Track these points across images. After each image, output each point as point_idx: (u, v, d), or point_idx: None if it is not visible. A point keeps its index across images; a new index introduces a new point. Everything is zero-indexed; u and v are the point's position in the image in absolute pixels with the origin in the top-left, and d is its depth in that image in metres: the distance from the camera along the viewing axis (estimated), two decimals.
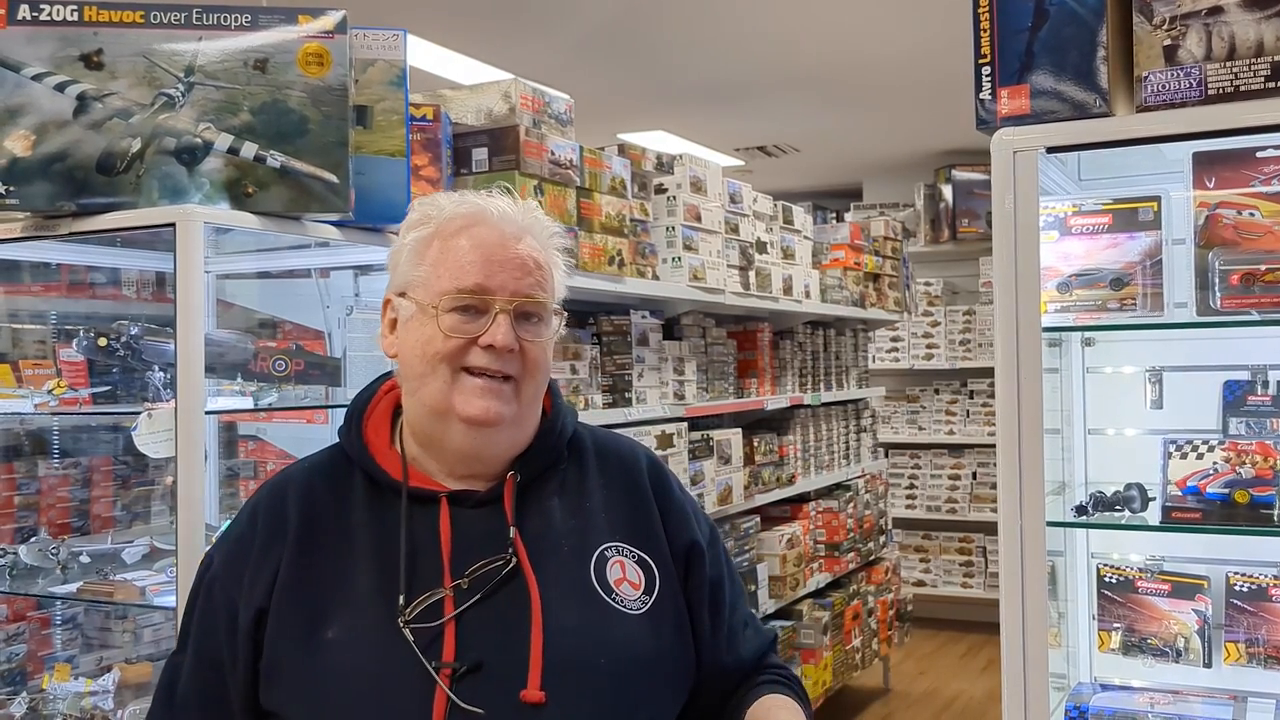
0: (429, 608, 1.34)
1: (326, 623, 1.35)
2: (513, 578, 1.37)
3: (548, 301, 1.44)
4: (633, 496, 1.50)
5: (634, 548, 1.45)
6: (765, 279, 4.36)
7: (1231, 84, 1.80)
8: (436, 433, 1.42)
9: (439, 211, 1.45)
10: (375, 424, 1.49)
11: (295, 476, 1.48)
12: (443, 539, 1.39)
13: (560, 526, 1.43)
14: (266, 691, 1.37)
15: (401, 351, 1.44)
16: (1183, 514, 1.99)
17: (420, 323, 1.41)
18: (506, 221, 1.43)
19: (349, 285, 3.17)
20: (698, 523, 1.53)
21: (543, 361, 1.44)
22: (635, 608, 1.40)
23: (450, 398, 1.38)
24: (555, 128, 3.25)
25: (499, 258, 1.40)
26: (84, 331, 2.58)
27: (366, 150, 2.58)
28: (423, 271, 1.42)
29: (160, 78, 2.37)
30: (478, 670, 1.31)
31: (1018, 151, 1.93)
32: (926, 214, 7.66)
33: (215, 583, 1.43)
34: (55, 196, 2.34)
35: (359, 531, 1.41)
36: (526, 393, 1.42)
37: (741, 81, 5.80)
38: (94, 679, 2.60)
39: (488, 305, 1.39)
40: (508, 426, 1.41)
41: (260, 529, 1.43)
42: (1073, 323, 2.06)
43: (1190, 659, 2.22)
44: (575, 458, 1.51)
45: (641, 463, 1.54)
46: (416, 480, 1.43)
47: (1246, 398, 2.21)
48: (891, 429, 7.47)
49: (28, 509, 2.99)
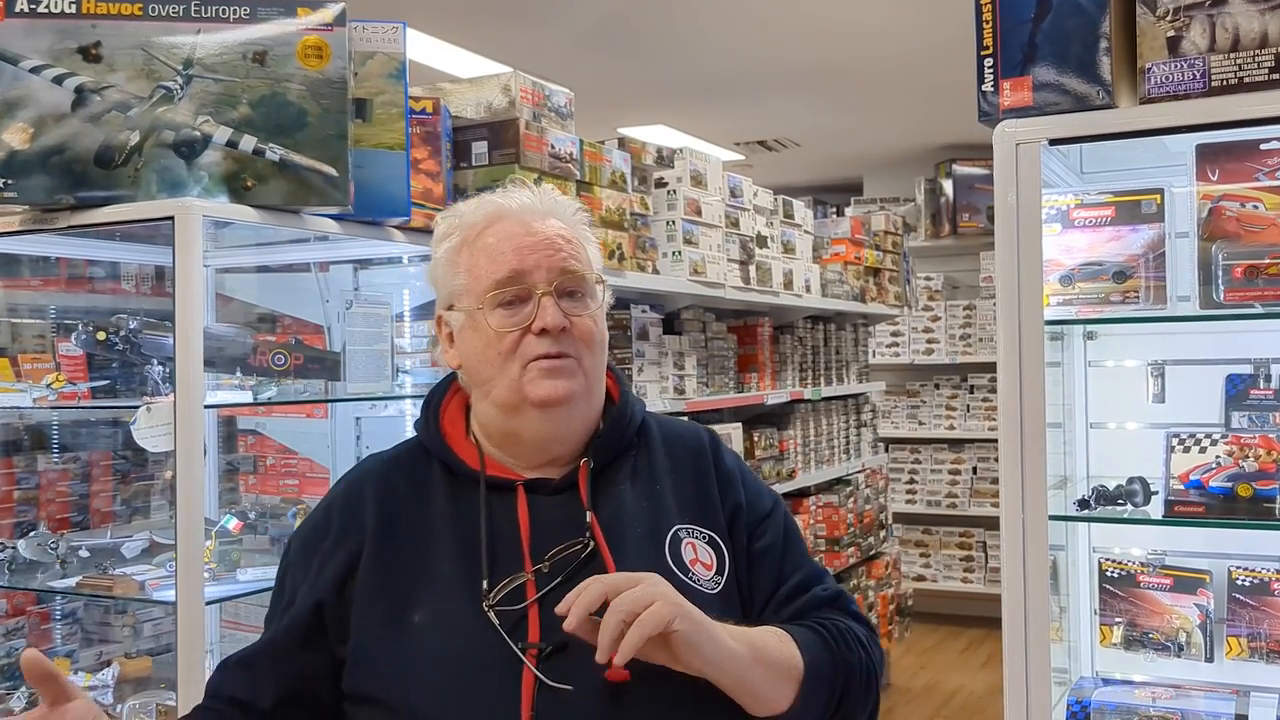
0: (511, 592, 1.37)
1: (411, 608, 1.38)
2: (591, 561, 1.39)
3: (586, 272, 1.46)
4: (698, 477, 1.52)
5: (704, 528, 1.47)
6: (765, 273, 4.35)
7: (1235, 76, 1.79)
8: (512, 427, 1.45)
9: (461, 219, 1.49)
10: (451, 416, 1.52)
11: (372, 471, 1.52)
12: (521, 525, 1.42)
13: (633, 510, 1.45)
14: (353, 677, 1.40)
15: (464, 361, 1.48)
16: (1185, 508, 1.98)
17: (473, 329, 1.44)
18: (527, 211, 1.46)
19: (348, 279, 3.16)
20: (746, 489, 1.53)
21: (596, 333, 1.46)
22: (710, 587, 1.42)
23: (520, 390, 1.41)
24: (555, 121, 3.24)
25: (528, 243, 1.43)
26: (83, 326, 2.57)
27: (366, 144, 2.57)
28: (462, 280, 1.46)
29: (159, 70, 2.36)
30: (563, 650, 1.33)
31: (1020, 143, 1.92)
32: (927, 209, 7.65)
33: (290, 569, 1.49)
34: (54, 190, 2.33)
35: (439, 520, 1.44)
36: (588, 366, 1.45)
37: (742, 76, 5.78)
38: (93, 673, 2.60)
39: (529, 292, 1.41)
40: (579, 402, 1.44)
41: (335, 523, 1.47)
42: (1075, 316, 2.05)
43: (1192, 653, 2.22)
44: (644, 444, 1.53)
45: (705, 442, 1.56)
46: (493, 470, 1.46)
47: (1249, 391, 2.21)
48: (892, 424, 7.46)
49: (27, 504, 2.98)
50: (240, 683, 1.46)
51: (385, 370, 2.88)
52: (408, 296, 3.14)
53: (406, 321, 3.11)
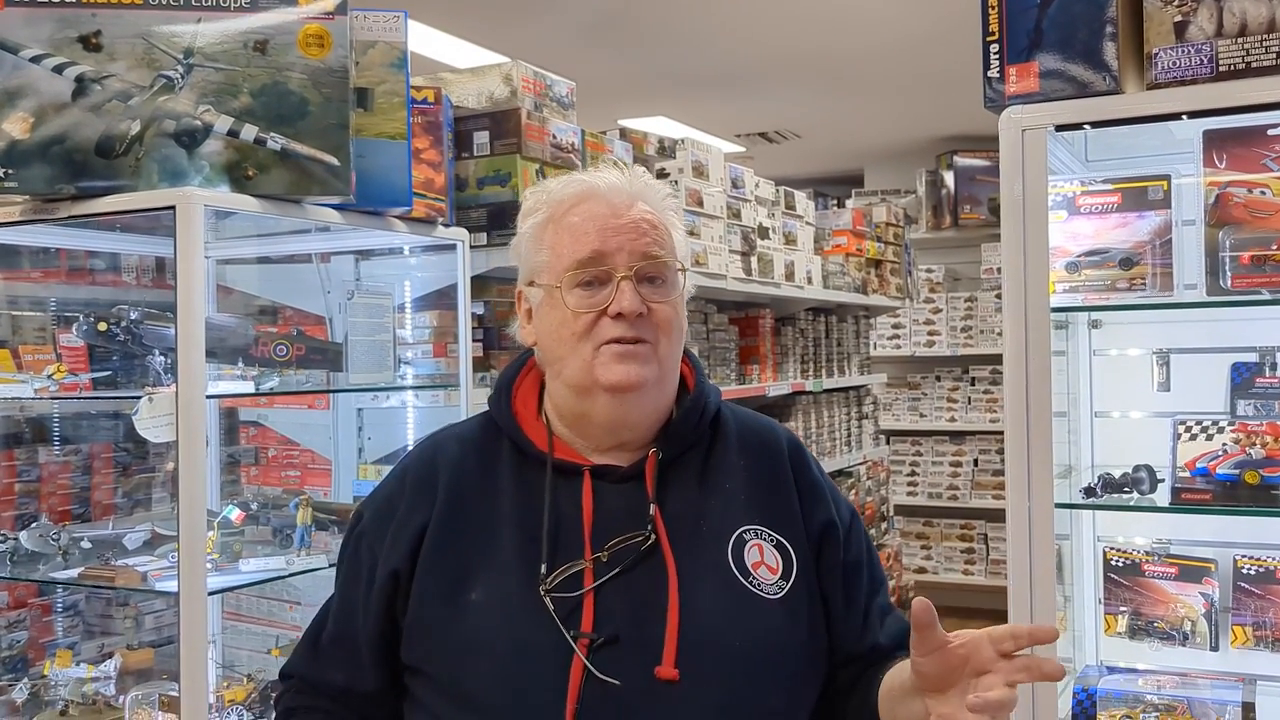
0: (569, 578, 1.36)
1: (470, 584, 1.38)
2: (651, 554, 1.38)
3: (669, 259, 1.44)
4: (773, 479, 1.49)
5: (773, 531, 1.44)
6: (767, 264, 4.34)
7: (1243, 60, 1.79)
8: (582, 409, 1.43)
9: (549, 195, 1.47)
10: (523, 396, 1.51)
11: (445, 442, 1.52)
12: (585, 512, 1.40)
13: (700, 506, 1.44)
14: (408, 647, 1.40)
15: (540, 338, 1.47)
16: (1193, 495, 1.98)
17: (551, 306, 1.43)
18: (616, 192, 1.44)
19: (349, 271, 3.15)
20: (836, 505, 1.51)
21: (674, 321, 1.44)
22: (772, 592, 1.40)
23: (592, 372, 1.39)
24: (557, 111, 3.23)
25: (613, 225, 1.41)
26: (84, 316, 2.56)
27: (367, 133, 2.55)
28: (544, 256, 1.44)
29: (159, 59, 2.35)
30: (614, 643, 1.33)
31: (1026, 129, 1.91)
32: (928, 200, 7.64)
33: (364, 537, 1.47)
34: (54, 179, 2.32)
35: (504, 499, 1.43)
36: (663, 353, 1.42)
37: (743, 67, 5.77)
38: (95, 665, 2.59)
39: (609, 275, 1.40)
40: (650, 389, 1.42)
41: (409, 490, 1.47)
42: (1081, 303, 2.04)
43: (1197, 642, 2.21)
44: (718, 437, 1.51)
45: (783, 444, 1.53)
46: (561, 453, 1.45)
47: (1255, 380, 2.20)
48: (893, 416, 7.46)
49: (28, 496, 2.98)
50: (336, 666, 1.46)
51: (387, 361, 2.88)
52: (409, 288, 3.13)
53: (408, 313, 3.11)
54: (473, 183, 3.04)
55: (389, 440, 3.17)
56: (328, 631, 1.49)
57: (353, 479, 3.12)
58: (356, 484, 3.08)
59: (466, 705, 1.35)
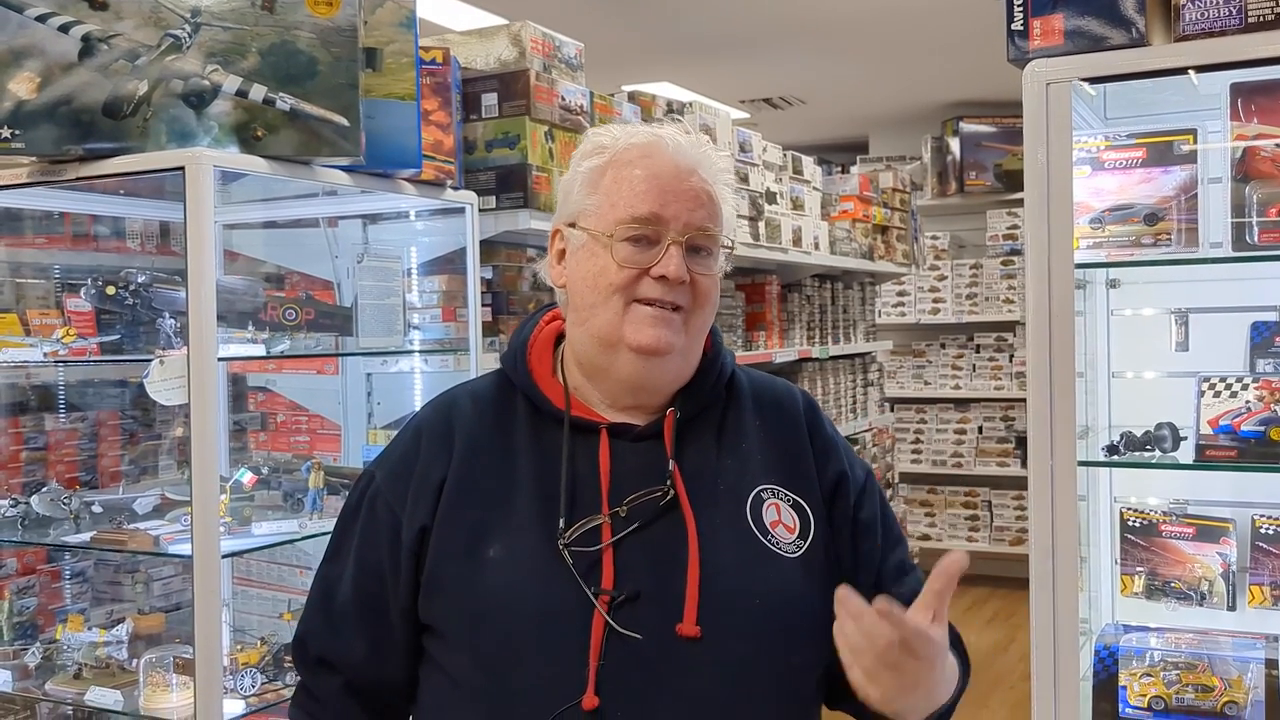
0: (587, 533, 1.35)
1: (488, 541, 1.37)
2: (670, 510, 1.37)
3: (719, 235, 1.43)
4: (789, 438, 1.49)
5: (789, 491, 1.44)
6: (775, 230, 4.32)
7: (1273, 11, 1.76)
8: (604, 363, 1.42)
9: (614, 141, 1.44)
10: (538, 353, 1.50)
11: (459, 398, 1.50)
12: (601, 469, 1.39)
13: (717, 465, 1.43)
14: (426, 604, 1.39)
15: (571, 282, 1.44)
16: (1217, 452, 1.97)
17: (592, 252, 1.41)
18: (680, 154, 1.42)
19: (357, 235, 3.13)
20: (849, 461, 1.51)
21: (712, 294, 1.43)
22: (790, 551, 1.39)
23: (621, 328, 1.38)
24: (566, 72, 3.19)
25: (674, 189, 1.39)
26: (91, 280, 2.54)
27: (376, 93, 2.52)
28: (596, 200, 1.41)
29: (166, 18, 2.31)
30: (635, 599, 1.32)
31: (1050, 83, 1.89)
32: (933, 167, 7.60)
33: (378, 498, 1.45)
34: (61, 140, 2.29)
35: (520, 456, 1.42)
36: (694, 324, 1.42)
37: (747, 32, 5.72)
38: (107, 629, 2.59)
39: (660, 235, 1.38)
40: (675, 357, 1.41)
41: (424, 447, 1.44)
42: (1105, 259, 2.02)
43: (1214, 602, 2.21)
44: (733, 398, 1.50)
45: (799, 404, 1.53)
46: (578, 410, 1.44)
47: (1275, 339, 2.18)
48: (898, 383, 7.45)
49: (35, 463, 2.96)
50: (359, 633, 1.43)
51: (396, 325, 2.86)
52: (416, 253, 3.11)
53: (415, 277, 3.08)
54: (481, 145, 3.01)
55: (398, 405, 3.16)
56: (342, 600, 1.45)
57: (362, 444, 3.11)
58: (366, 449, 3.07)
59: (485, 663, 1.34)
